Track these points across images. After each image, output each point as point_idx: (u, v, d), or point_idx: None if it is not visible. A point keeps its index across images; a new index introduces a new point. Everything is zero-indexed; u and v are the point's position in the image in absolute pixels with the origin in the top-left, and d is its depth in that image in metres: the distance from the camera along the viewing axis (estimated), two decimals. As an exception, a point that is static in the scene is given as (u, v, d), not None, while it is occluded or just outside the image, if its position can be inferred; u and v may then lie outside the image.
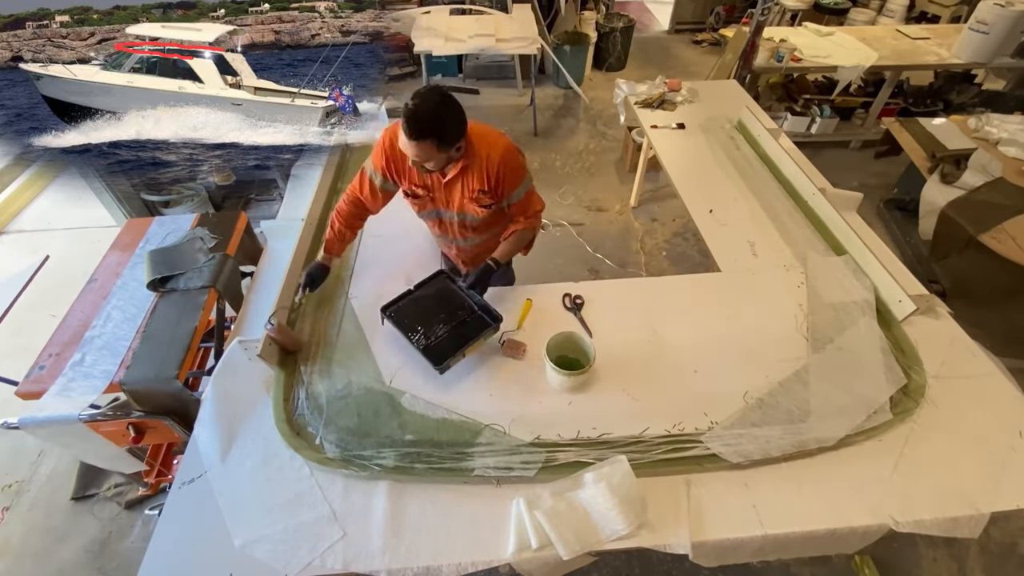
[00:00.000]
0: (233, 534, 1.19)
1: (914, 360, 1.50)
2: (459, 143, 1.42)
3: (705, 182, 2.29)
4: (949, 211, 2.56)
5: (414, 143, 1.33)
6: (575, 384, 1.45)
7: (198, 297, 1.80)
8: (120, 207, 3.27)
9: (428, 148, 1.34)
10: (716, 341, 1.59)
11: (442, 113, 1.33)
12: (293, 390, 1.49)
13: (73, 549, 2.08)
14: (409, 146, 1.34)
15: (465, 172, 1.53)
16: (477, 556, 1.15)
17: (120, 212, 3.29)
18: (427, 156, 1.37)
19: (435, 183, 1.58)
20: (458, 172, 1.52)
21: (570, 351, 1.50)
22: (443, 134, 1.35)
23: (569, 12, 5.09)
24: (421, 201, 1.65)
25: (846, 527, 1.18)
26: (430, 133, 1.32)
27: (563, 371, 1.39)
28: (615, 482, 1.20)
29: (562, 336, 1.49)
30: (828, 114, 4.03)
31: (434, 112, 1.32)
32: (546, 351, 1.43)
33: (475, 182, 1.53)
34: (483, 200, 1.57)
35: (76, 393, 1.59)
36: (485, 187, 1.54)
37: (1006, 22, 3.52)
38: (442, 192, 1.59)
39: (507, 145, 1.53)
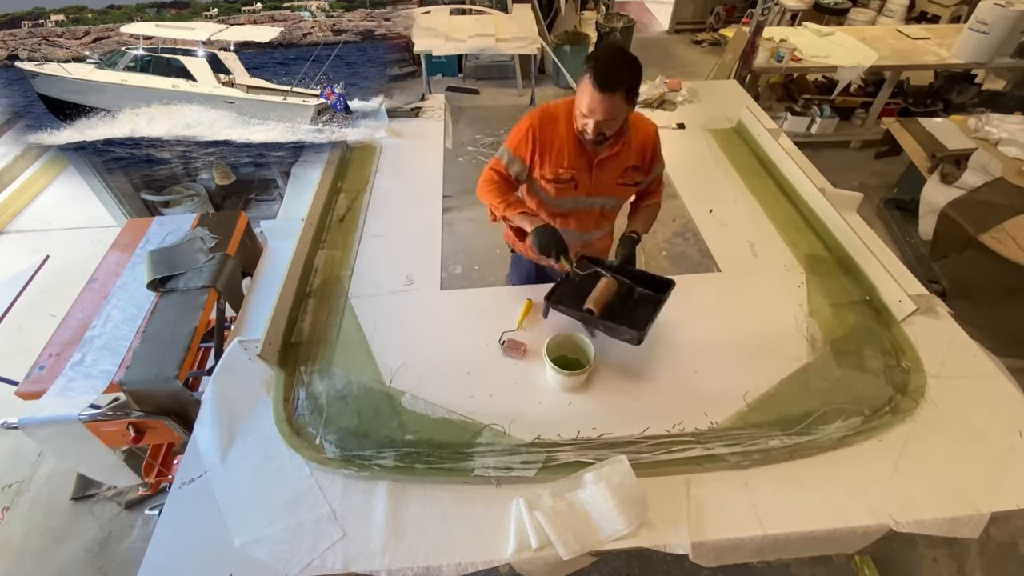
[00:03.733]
0: (233, 534, 1.19)
1: (914, 360, 1.50)
2: (636, 99, 1.37)
3: (705, 182, 2.28)
4: (949, 211, 2.56)
5: (607, 96, 1.27)
6: (575, 384, 1.45)
7: (198, 297, 1.80)
8: (120, 207, 3.27)
9: (618, 102, 1.29)
10: (716, 341, 1.59)
11: (629, 61, 1.30)
12: (293, 390, 1.49)
13: (73, 549, 2.08)
14: (601, 101, 1.28)
15: (621, 149, 1.48)
16: (477, 556, 1.15)
17: (120, 212, 3.29)
18: (615, 112, 1.31)
19: (585, 165, 1.50)
20: (616, 148, 1.47)
21: (570, 351, 1.50)
22: (634, 84, 1.31)
23: (569, 12, 5.09)
24: (564, 187, 1.53)
25: (846, 527, 1.18)
26: (622, 82, 1.27)
27: (563, 371, 1.39)
28: (615, 482, 1.20)
29: (562, 336, 1.49)
30: (828, 114, 4.03)
31: (623, 60, 1.28)
32: (546, 351, 1.43)
33: (631, 158, 1.50)
34: (635, 178, 1.55)
35: (76, 393, 1.59)
36: (639, 162, 1.51)
37: (1006, 22, 3.52)
38: (590, 175, 1.51)
39: (654, 123, 1.55)
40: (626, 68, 1.28)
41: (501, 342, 1.58)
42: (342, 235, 2.03)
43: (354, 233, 2.03)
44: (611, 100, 1.28)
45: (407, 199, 2.19)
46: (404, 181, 2.31)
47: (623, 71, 1.28)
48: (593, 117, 1.33)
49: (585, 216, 1.64)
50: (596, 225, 1.69)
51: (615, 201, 1.63)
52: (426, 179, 2.29)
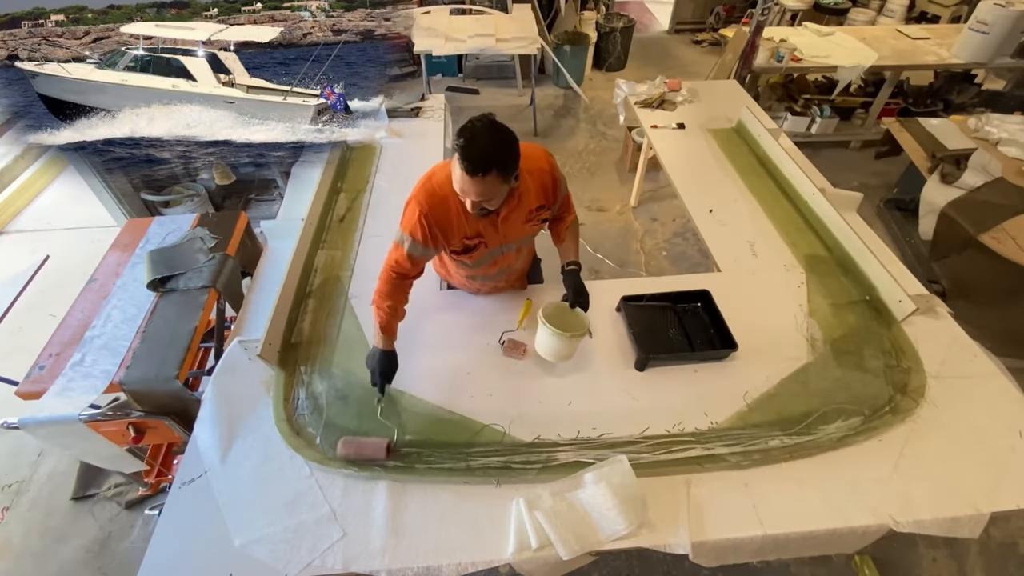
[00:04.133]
0: (233, 534, 1.19)
1: (914, 360, 1.50)
2: (517, 170, 1.28)
3: (705, 182, 2.28)
4: (949, 211, 2.56)
5: (479, 179, 1.19)
6: (569, 350, 1.42)
7: (198, 297, 1.80)
8: (120, 207, 3.27)
9: (493, 182, 1.21)
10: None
11: (501, 140, 1.21)
12: (293, 390, 1.49)
13: (73, 549, 2.08)
14: (472, 185, 1.20)
15: (520, 199, 1.39)
16: (477, 556, 1.15)
17: (120, 212, 3.29)
18: (492, 192, 1.24)
19: (487, 226, 1.42)
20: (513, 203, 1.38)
21: (565, 319, 1.45)
22: (507, 163, 1.22)
23: (569, 12, 5.09)
24: (475, 252, 1.49)
25: (846, 527, 1.18)
26: (494, 164, 1.18)
27: (558, 331, 1.35)
28: (615, 482, 1.20)
29: (557, 307, 1.46)
30: (828, 114, 4.03)
31: (492, 140, 1.19)
32: (542, 314, 1.40)
33: (533, 200, 1.43)
34: (542, 215, 1.49)
35: (76, 393, 1.59)
36: (544, 201, 1.45)
37: (1006, 22, 3.52)
38: (497, 230, 1.44)
39: (543, 151, 1.45)
40: (496, 150, 1.19)
41: (501, 342, 1.58)
42: (342, 235, 2.03)
43: (354, 233, 2.03)
44: (483, 182, 1.20)
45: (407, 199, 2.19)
46: (404, 181, 2.31)
47: (493, 154, 1.19)
48: (468, 198, 1.26)
49: (502, 259, 1.59)
50: (514, 261, 1.64)
51: (528, 238, 1.59)
52: (426, 179, 2.29)
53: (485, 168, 1.18)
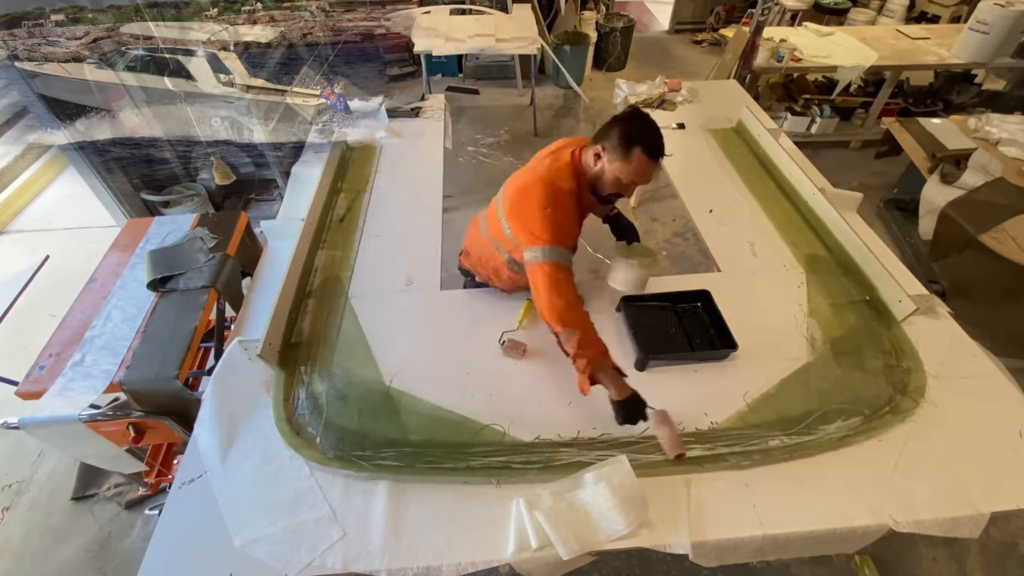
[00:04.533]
0: (233, 534, 1.19)
1: (914, 360, 1.50)
2: None
3: (705, 182, 2.28)
4: (949, 211, 2.56)
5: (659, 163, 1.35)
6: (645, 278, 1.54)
7: (198, 297, 1.80)
8: (120, 207, 3.27)
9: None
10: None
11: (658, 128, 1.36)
12: (293, 390, 1.49)
13: (73, 549, 2.07)
14: (654, 169, 1.35)
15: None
16: (477, 556, 1.15)
17: (120, 212, 3.29)
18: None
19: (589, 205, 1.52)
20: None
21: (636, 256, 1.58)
22: None
23: (569, 12, 5.09)
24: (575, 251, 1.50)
25: (846, 527, 1.18)
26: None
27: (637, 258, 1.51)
28: (615, 482, 1.20)
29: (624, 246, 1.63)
30: (828, 114, 4.03)
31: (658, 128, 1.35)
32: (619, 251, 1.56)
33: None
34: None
35: (76, 393, 1.59)
36: None
37: (1006, 22, 3.52)
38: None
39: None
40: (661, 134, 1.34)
41: (501, 342, 1.58)
42: (342, 235, 2.03)
43: (354, 233, 2.03)
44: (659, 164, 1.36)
45: (407, 199, 2.19)
46: (404, 181, 2.32)
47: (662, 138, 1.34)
48: (639, 181, 1.36)
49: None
50: None
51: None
52: (426, 179, 2.29)
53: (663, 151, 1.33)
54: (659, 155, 1.32)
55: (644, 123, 1.33)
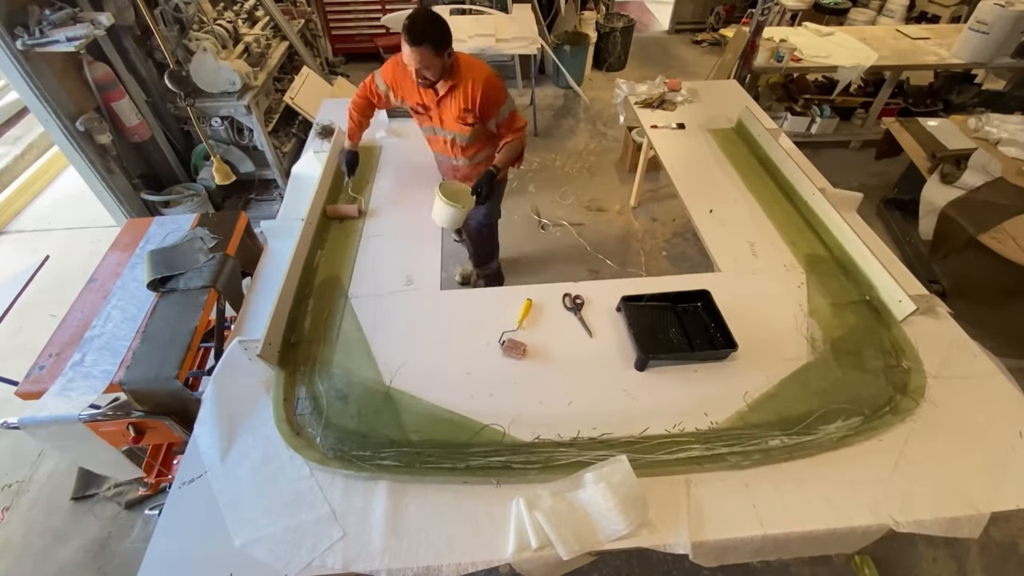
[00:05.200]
0: (233, 534, 1.19)
1: (914, 360, 1.50)
2: (449, 50, 1.74)
3: (705, 182, 2.29)
4: (949, 211, 2.56)
5: (415, 49, 1.66)
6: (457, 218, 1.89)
7: (198, 297, 1.80)
8: (120, 207, 3.27)
9: (426, 53, 1.67)
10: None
11: (434, 21, 1.68)
12: (293, 390, 1.49)
13: (73, 549, 2.08)
14: (412, 54, 1.67)
15: (453, 91, 1.87)
16: (477, 556, 1.15)
17: (120, 212, 3.29)
18: (426, 62, 1.70)
19: (430, 101, 1.93)
20: (447, 91, 1.87)
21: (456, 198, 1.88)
22: (437, 39, 1.68)
23: (569, 12, 5.09)
24: (422, 117, 2.03)
25: (846, 527, 1.18)
26: (426, 37, 1.65)
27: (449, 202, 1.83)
28: (615, 482, 1.20)
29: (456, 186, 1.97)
30: (828, 114, 4.03)
31: (427, 21, 1.66)
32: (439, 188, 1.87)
33: (461, 102, 1.87)
34: (468, 119, 1.92)
35: (76, 393, 1.59)
36: (468, 106, 1.88)
37: (1006, 22, 3.51)
38: (436, 110, 1.95)
39: (488, 72, 1.86)
40: (430, 26, 1.66)
41: (501, 342, 1.58)
42: (342, 235, 2.03)
43: (354, 233, 2.03)
44: (420, 52, 1.67)
45: (407, 199, 2.19)
46: (404, 181, 2.32)
47: (427, 28, 1.66)
48: (411, 66, 1.73)
49: (445, 144, 2.09)
50: (455, 154, 2.11)
51: (461, 136, 2.00)
52: (426, 179, 2.29)
53: (420, 40, 1.65)
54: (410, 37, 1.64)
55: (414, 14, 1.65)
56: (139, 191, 3.32)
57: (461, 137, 2.01)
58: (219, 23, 3.41)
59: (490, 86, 1.86)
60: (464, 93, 1.86)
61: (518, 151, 2.08)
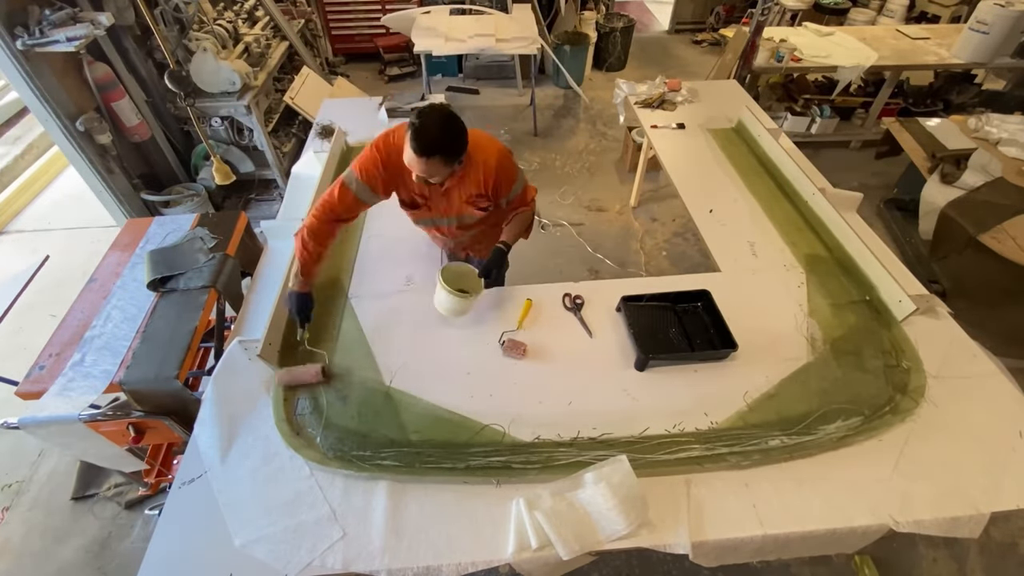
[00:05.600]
0: (233, 534, 1.19)
1: (914, 360, 1.50)
2: (463, 157, 1.46)
3: (705, 182, 2.28)
4: (949, 211, 2.56)
5: (423, 160, 1.35)
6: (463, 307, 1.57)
7: (198, 297, 1.80)
8: (120, 207, 3.27)
9: (436, 164, 1.38)
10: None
11: (448, 130, 1.37)
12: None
13: (73, 549, 2.08)
14: (417, 163, 1.37)
15: (462, 179, 1.56)
16: (477, 556, 1.15)
17: (120, 212, 3.29)
18: (434, 172, 1.41)
19: (433, 192, 1.60)
20: (456, 180, 1.55)
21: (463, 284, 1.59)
22: (451, 150, 1.39)
23: (569, 12, 5.09)
24: (419, 211, 1.69)
25: (846, 527, 1.18)
26: (438, 150, 1.35)
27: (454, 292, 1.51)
28: (615, 482, 1.20)
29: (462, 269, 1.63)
30: (828, 114, 4.03)
31: (441, 129, 1.35)
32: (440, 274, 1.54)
33: (472, 187, 1.58)
34: (480, 203, 1.63)
35: (76, 393, 1.59)
36: (482, 191, 1.59)
37: (1006, 22, 3.51)
38: (439, 200, 1.63)
39: (500, 150, 1.57)
40: (442, 138, 1.35)
41: (501, 342, 1.58)
42: (342, 235, 2.02)
43: (354, 233, 2.03)
44: (428, 163, 1.36)
45: (407, 199, 2.19)
46: (404, 181, 2.31)
47: (439, 141, 1.35)
48: (414, 171, 1.42)
49: (447, 229, 1.78)
50: (459, 234, 1.80)
51: (470, 217, 1.70)
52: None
53: (430, 152, 1.35)
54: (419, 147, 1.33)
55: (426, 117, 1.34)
56: (139, 191, 3.32)
57: (469, 218, 1.70)
58: (219, 23, 3.42)
59: (503, 167, 1.57)
60: (475, 179, 1.55)
61: (528, 222, 1.79)
